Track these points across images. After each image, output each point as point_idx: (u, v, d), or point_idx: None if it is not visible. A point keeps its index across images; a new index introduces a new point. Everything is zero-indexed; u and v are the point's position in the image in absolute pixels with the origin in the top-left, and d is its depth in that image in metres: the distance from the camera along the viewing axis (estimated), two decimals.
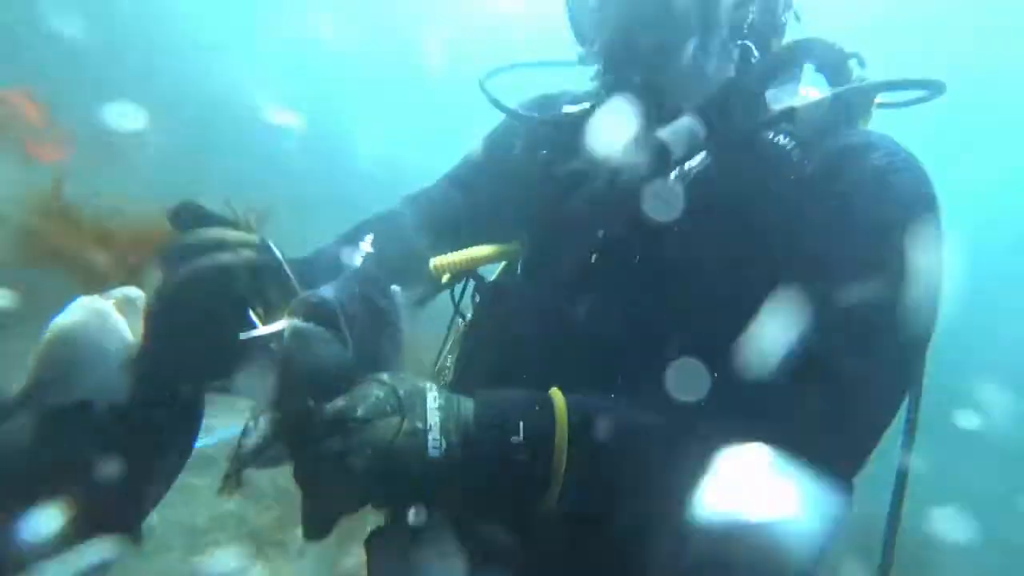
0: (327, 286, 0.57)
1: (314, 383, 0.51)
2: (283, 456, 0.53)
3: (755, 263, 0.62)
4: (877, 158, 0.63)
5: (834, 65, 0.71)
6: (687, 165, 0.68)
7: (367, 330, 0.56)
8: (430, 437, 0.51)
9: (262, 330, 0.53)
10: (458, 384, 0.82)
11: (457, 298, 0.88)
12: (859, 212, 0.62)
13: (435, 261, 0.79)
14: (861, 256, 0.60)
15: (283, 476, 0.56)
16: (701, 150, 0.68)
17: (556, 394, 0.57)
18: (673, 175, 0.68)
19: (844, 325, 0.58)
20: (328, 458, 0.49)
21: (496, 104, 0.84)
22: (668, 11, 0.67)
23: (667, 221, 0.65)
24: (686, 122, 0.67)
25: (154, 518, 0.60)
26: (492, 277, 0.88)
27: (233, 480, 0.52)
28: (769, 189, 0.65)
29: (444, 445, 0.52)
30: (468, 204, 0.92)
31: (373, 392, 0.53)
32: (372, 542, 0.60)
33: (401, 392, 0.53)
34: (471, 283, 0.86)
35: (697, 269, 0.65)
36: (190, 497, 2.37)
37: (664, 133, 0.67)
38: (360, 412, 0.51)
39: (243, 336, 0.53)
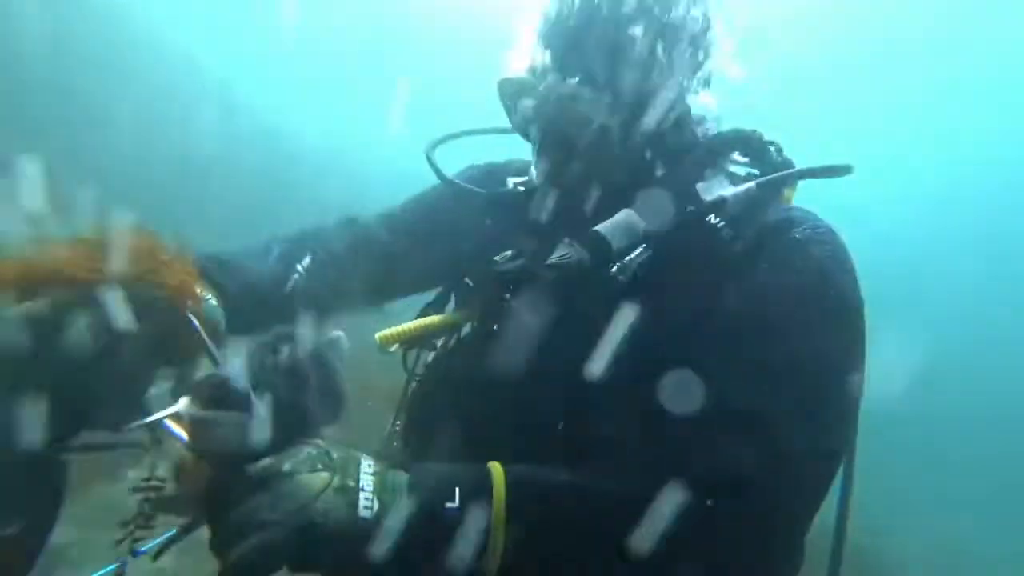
0: (236, 359, 0.54)
1: (223, 466, 0.50)
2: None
3: (682, 344, 0.64)
4: (799, 232, 0.69)
5: (755, 153, 0.78)
6: (628, 257, 0.70)
7: (293, 396, 0.53)
8: (362, 496, 0.51)
9: (156, 416, 0.51)
10: (404, 448, 0.85)
11: (410, 365, 0.89)
12: (782, 279, 0.66)
13: (381, 335, 0.81)
14: (783, 318, 0.64)
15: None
16: (640, 243, 0.70)
17: (494, 464, 0.58)
18: (614, 268, 0.71)
19: (766, 383, 0.61)
20: (246, 519, 0.47)
21: (441, 176, 0.87)
22: (595, 140, 0.73)
23: (604, 314, 0.65)
24: (623, 216, 0.71)
25: None
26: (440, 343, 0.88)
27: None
28: (703, 270, 0.69)
29: (376, 506, 0.51)
30: (404, 250, 0.92)
31: (304, 450, 0.52)
32: None
33: (335, 454, 0.53)
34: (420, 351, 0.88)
35: (627, 358, 0.64)
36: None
37: (604, 228, 0.70)
38: (286, 466, 0.50)
39: (134, 425, 0.51)
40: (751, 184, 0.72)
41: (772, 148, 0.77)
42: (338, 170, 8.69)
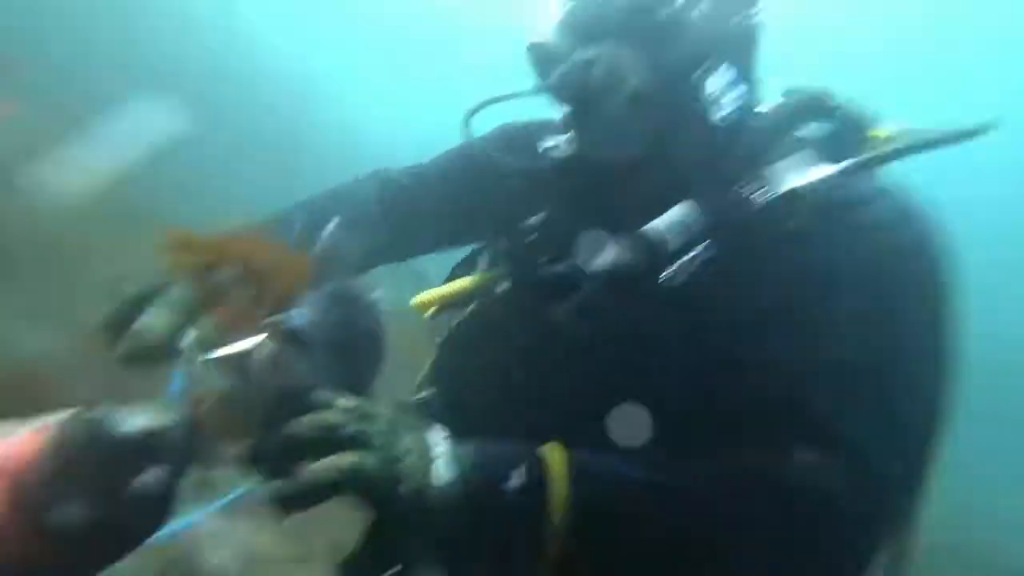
0: (301, 308, 0.53)
1: (285, 414, 0.48)
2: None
3: (757, 347, 0.59)
4: (885, 213, 0.61)
5: (836, 119, 0.67)
6: (685, 258, 0.63)
7: (344, 357, 0.53)
8: (432, 472, 0.49)
9: (227, 350, 0.50)
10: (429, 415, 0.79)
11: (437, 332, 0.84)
12: (869, 272, 0.59)
13: (418, 299, 0.79)
14: (872, 316, 0.57)
15: None
16: (700, 240, 0.63)
17: (553, 446, 0.54)
18: (671, 270, 0.63)
19: (855, 392, 0.55)
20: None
21: (473, 143, 0.80)
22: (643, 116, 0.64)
23: (658, 323, 0.62)
24: (680, 212, 0.63)
25: None
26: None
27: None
28: (775, 269, 0.61)
29: (447, 486, 0.49)
30: (434, 206, 0.88)
31: (365, 426, 0.49)
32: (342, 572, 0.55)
33: (390, 416, 0.50)
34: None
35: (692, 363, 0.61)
36: None
37: (659, 227, 0.63)
38: (350, 429, 0.47)
39: (210, 356, 0.50)
40: (837, 168, 0.62)
41: (853, 113, 0.67)
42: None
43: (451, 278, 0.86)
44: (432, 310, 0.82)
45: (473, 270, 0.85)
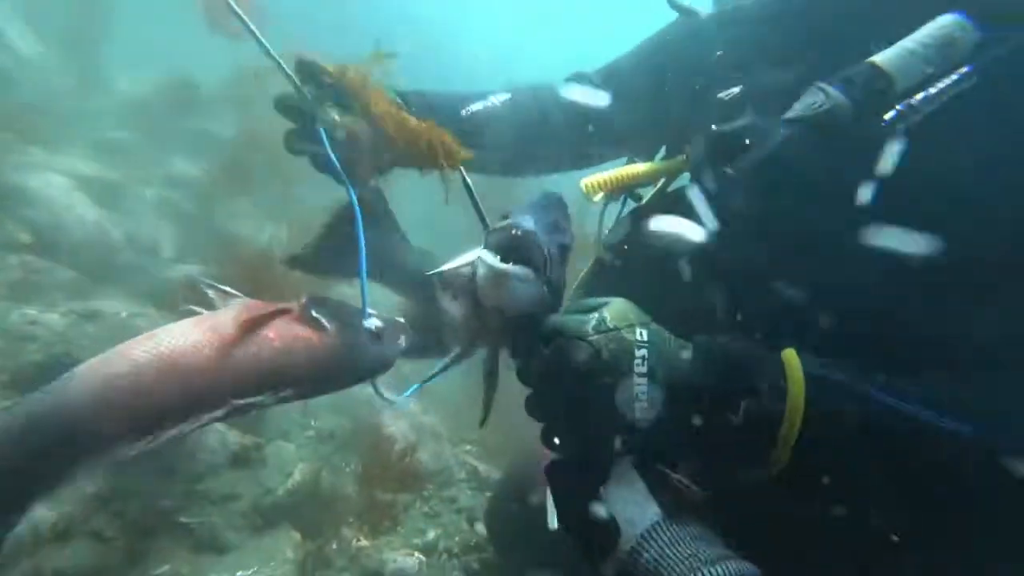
0: (525, 213, 0.54)
1: (511, 321, 0.52)
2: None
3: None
4: None
5: None
6: (927, 92, 0.49)
7: (556, 267, 0.54)
8: (638, 408, 0.49)
9: (456, 263, 0.53)
10: None
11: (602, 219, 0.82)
12: None
13: (586, 181, 0.74)
14: None
15: None
16: (963, 65, 0.48)
17: (793, 365, 0.49)
18: (892, 114, 0.50)
19: None
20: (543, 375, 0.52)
21: (681, 10, 0.77)
22: None
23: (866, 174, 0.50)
24: (932, 32, 0.48)
25: None
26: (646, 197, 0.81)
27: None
28: None
29: (653, 415, 0.49)
30: (623, 109, 0.85)
31: (577, 358, 0.51)
32: (551, 470, 0.58)
33: (606, 355, 0.50)
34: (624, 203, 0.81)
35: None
36: None
37: (888, 58, 0.50)
38: (565, 386, 0.51)
39: (437, 271, 0.54)
40: None
41: None
42: None
43: (627, 163, 0.82)
44: (599, 196, 0.76)
45: (651, 157, 0.82)
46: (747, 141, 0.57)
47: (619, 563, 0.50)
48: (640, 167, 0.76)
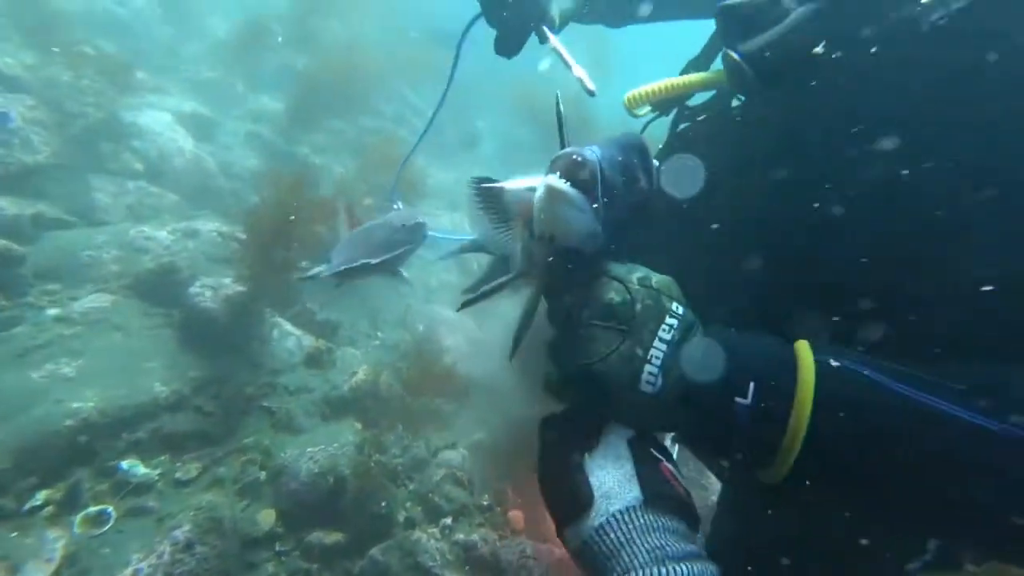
0: (596, 146, 0.51)
1: (559, 251, 0.48)
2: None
3: None
4: None
5: None
6: None
7: (622, 206, 0.50)
8: (647, 369, 0.46)
9: (519, 183, 0.51)
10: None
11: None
12: None
13: (629, 94, 0.69)
14: None
15: None
16: None
17: (803, 354, 0.46)
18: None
19: None
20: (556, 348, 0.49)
21: None
22: None
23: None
24: None
25: None
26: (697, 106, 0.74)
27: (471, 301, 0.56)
28: None
29: (660, 383, 0.46)
30: None
31: (608, 296, 0.48)
32: (541, 427, 0.55)
33: (639, 306, 0.48)
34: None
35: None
36: None
37: None
38: (585, 314, 0.48)
39: (500, 184, 0.52)
40: None
41: None
42: None
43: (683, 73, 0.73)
44: (645, 109, 0.71)
45: (706, 68, 0.73)
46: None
47: (582, 533, 0.47)
48: (685, 78, 0.69)
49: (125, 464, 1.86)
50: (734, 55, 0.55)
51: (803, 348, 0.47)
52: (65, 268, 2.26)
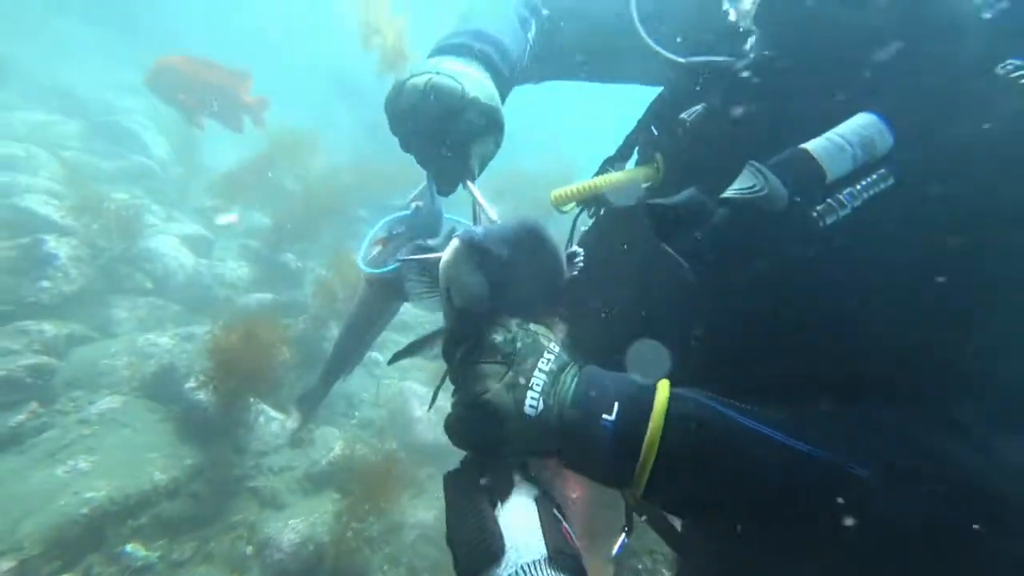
0: (494, 222, 0.60)
1: (455, 308, 0.54)
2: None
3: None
4: None
5: None
6: (848, 190, 0.50)
7: (524, 268, 0.55)
8: (529, 395, 0.50)
9: (419, 256, 0.64)
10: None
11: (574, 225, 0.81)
12: None
13: (555, 193, 0.72)
14: None
15: None
16: (878, 168, 0.50)
17: (663, 385, 0.51)
18: (821, 207, 0.49)
19: None
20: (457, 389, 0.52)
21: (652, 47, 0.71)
22: None
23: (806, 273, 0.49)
24: (858, 125, 0.49)
25: None
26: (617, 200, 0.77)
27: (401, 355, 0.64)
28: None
29: (541, 407, 0.50)
30: (618, 45, 0.81)
31: (492, 337, 0.53)
32: (446, 480, 0.57)
33: (519, 344, 0.52)
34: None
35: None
36: None
37: (818, 146, 0.50)
38: (474, 355, 0.52)
39: (405, 257, 0.65)
40: None
41: None
42: None
43: (600, 171, 0.79)
44: (569, 206, 0.74)
45: (622, 165, 0.78)
46: (682, 217, 0.55)
47: None
48: (611, 176, 0.74)
49: (129, 548, 2.13)
50: (673, 253, 0.55)
51: (664, 383, 0.52)
52: (87, 377, 2.65)
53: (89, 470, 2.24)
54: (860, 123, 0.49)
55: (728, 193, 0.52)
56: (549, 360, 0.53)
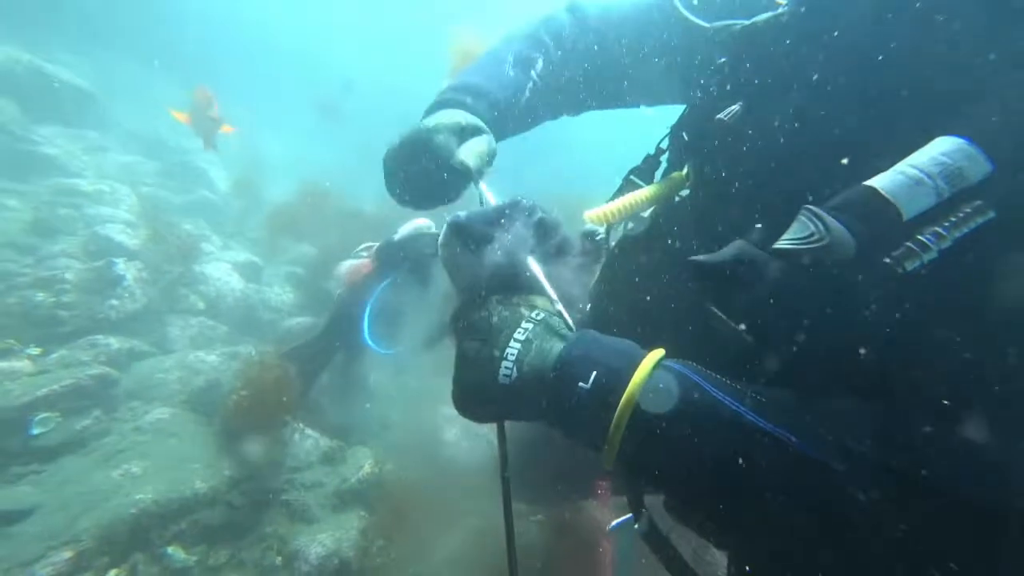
0: (488, 205, 0.62)
1: (458, 288, 0.59)
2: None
3: None
4: None
5: None
6: (933, 231, 0.42)
7: (513, 243, 0.57)
8: (502, 365, 0.52)
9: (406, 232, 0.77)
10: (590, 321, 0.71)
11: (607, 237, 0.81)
12: None
13: (588, 214, 0.70)
14: None
15: None
16: (972, 201, 0.41)
17: (653, 354, 0.50)
18: (904, 249, 0.42)
19: None
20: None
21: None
22: None
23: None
24: (944, 151, 0.39)
25: None
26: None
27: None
28: None
29: (515, 374, 0.52)
30: (630, 65, 0.83)
31: (476, 313, 0.56)
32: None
33: (495, 319, 0.55)
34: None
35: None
36: None
37: (887, 182, 0.42)
38: (460, 335, 0.56)
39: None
40: None
41: None
42: None
43: (625, 183, 0.77)
44: (606, 225, 0.74)
45: (649, 177, 0.76)
46: (733, 275, 0.49)
47: None
48: (642, 193, 0.72)
49: (170, 550, 2.24)
50: (733, 324, 0.50)
51: (654, 352, 0.50)
52: (143, 388, 2.87)
53: (140, 474, 2.39)
54: (942, 150, 0.40)
55: (782, 243, 0.45)
56: (526, 330, 0.54)
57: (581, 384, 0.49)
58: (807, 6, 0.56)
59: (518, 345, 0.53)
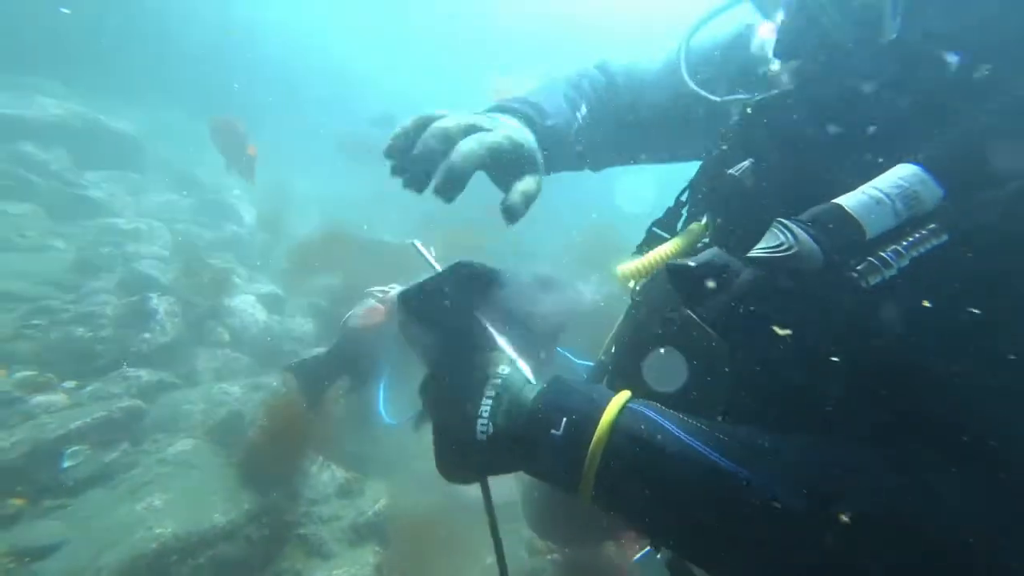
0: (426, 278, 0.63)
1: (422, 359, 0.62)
2: None
3: None
4: None
5: None
6: (892, 247, 0.45)
7: (469, 303, 0.60)
8: (478, 422, 0.55)
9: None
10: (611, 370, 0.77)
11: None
12: None
13: (621, 269, 0.73)
14: None
15: None
16: (927, 224, 0.45)
17: (619, 397, 0.53)
18: (861, 267, 0.46)
19: None
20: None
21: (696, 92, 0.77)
22: None
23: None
24: (902, 177, 0.44)
25: None
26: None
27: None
28: None
29: (491, 429, 0.55)
30: (652, 124, 0.90)
31: (443, 380, 0.60)
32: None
33: (462, 381, 0.58)
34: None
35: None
36: None
37: (854, 201, 0.46)
38: (429, 397, 0.60)
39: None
40: None
41: None
42: None
43: (649, 236, 0.80)
44: (635, 281, 0.75)
45: (672, 228, 0.79)
46: (709, 281, 0.54)
47: None
48: (668, 246, 0.74)
49: None
50: (695, 317, 0.54)
51: (621, 395, 0.53)
52: (169, 420, 2.95)
53: (162, 508, 2.43)
54: (900, 175, 0.45)
55: (753, 252, 0.49)
56: (495, 385, 0.57)
57: (553, 431, 0.52)
58: (808, 84, 0.61)
59: (490, 401, 0.57)
